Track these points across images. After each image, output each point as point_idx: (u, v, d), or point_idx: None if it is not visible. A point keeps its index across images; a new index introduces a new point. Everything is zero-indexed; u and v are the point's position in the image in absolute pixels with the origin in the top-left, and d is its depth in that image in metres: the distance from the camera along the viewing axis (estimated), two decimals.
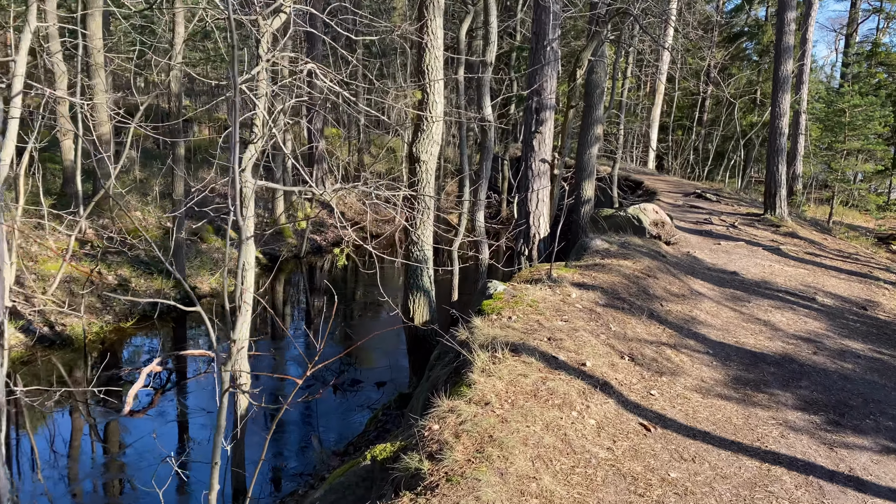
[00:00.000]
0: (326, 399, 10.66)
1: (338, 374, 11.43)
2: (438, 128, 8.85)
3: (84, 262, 14.49)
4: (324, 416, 10.13)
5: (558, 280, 8.40)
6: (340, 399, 10.67)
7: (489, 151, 11.06)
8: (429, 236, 9.10)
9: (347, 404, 10.51)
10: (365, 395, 10.77)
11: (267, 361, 11.95)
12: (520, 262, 15.24)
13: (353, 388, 10.96)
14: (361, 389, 10.93)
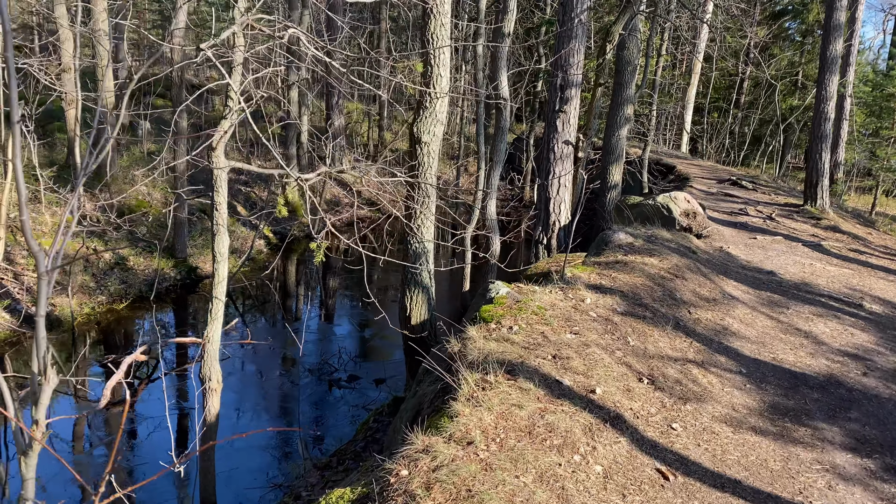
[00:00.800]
0: (320, 396, 9.88)
1: (334, 370, 10.64)
2: (443, 105, 7.89)
3: (80, 238, 13.82)
4: (316, 415, 9.36)
5: (572, 281, 7.45)
6: (335, 396, 9.88)
7: (504, 132, 10.08)
8: (430, 228, 8.18)
9: (342, 402, 9.72)
10: (362, 392, 9.97)
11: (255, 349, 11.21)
12: (537, 251, 14.29)
13: (349, 385, 10.16)
14: (358, 386, 10.14)
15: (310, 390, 10.00)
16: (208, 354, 6.67)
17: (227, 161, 6.50)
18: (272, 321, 13.37)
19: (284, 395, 9.75)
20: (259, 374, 10.41)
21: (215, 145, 6.33)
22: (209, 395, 6.74)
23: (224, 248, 6.67)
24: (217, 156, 6.32)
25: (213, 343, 6.68)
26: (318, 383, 10.20)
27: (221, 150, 6.38)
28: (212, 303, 6.68)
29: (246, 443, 8.50)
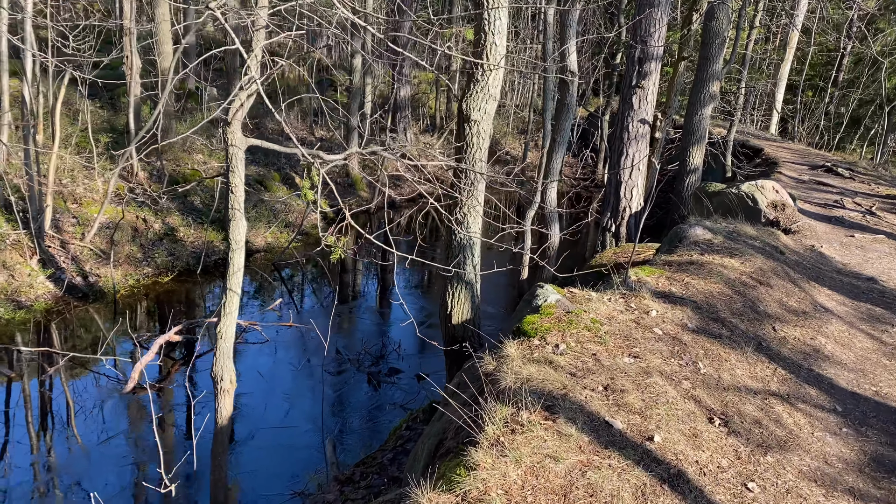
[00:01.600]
0: (357, 390, 9.22)
1: (375, 360, 9.95)
2: (497, 78, 6.92)
3: (130, 208, 13.55)
4: (349, 412, 8.70)
5: (635, 287, 6.44)
6: (373, 391, 9.20)
7: (569, 110, 9.03)
8: (476, 217, 7.29)
9: (379, 399, 9.03)
10: (402, 389, 9.26)
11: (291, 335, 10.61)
12: (604, 238, 13.21)
13: (389, 380, 9.46)
14: (399, 382, 9.42)
15: (346, 382, 9.35)
16: (220, 352, 6.03)
17: (245, 138, 5.76)
18: (320, 302, 12.79)
19: (318, 387, 9.12)
20: (295, 362, 9.82)
21: (230, 119, 5.59)
22: (221, 396, 6.11)
23: (240, 235, 5.97)
24: (232, 132, 5.59)
25: (226, 339, 6.02)
26: (355, 375, 9.54)
27: (238, 127, 5.65)
28: (225, 296, 6.01)
29: (269, 440, 7.91)
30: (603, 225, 13.26)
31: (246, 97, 5.65)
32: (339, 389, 9.17)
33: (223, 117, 5.60)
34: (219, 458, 6.22)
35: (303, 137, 21.24)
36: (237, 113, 5.58)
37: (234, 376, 6.18)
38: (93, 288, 11.61)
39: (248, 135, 6.13)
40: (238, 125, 5.63)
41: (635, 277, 6.80)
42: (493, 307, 12.22)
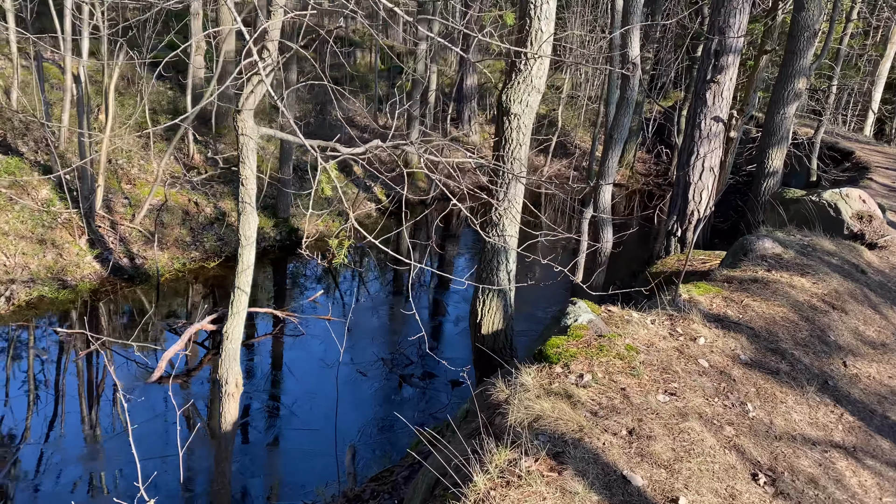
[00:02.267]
0: (387, 393, 8.78)
1: (410, 362, 9.49)
2: (541, 68, 6.28)
3: (183, 191, 13.50)
4: (376, 417, 8.27)
5: (685, 308, 5.72)
6: (403, 396, 8.74)
7: (629, 104, 8.27)
8: (513, 220, 6.68)
9: (408, 404, 8.57)
10: (434, 395, 8.77)
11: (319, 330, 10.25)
12: (668, 243, 12.34)
13: (422, 384, 8.98)
14: (431, 387, 8.93)
15: (376, 384, 8.92)
16: (226, 353, 5.67)
17: (257, 127, 5.34)
18: (368, 295, 12.42)
19: (346, 388, 8.73)
20: (325, 359, 9.46)
21: (240, 107, 5.18)
22: (225, 400, 5.76)
23: (250, 230, 5.57)
24: (243, 120, 5.17)
25: (232, 341, 5.65)
26: (387, 376, 9.10)
27: (250, 115, 5.23)
28: (233, 294, 5.64)
29: (288, 443, 7.56)
30: (668, 229, 12.38)
31: (258, 82, 5.22)
32: (368, 391, 8.75)
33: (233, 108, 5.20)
34: (222, 465, 5.89)
35: (366, 125, 20.95)
36: (247, 100, 5.16)
37: (241, 379, 5.81)
38: (139, 270, 11.58)
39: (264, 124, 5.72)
40: (249, 114, 5.21)
41: (686, 296, 6.07)
42: (543, 311, 11.58)
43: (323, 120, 20.12)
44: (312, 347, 9.80)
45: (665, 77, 24.99)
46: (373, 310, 11.38)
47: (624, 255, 15.40)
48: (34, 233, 10.98)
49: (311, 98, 20.74)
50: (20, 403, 7.94)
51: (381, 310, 11.41)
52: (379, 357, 9.54)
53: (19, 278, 10.22)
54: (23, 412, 7.78)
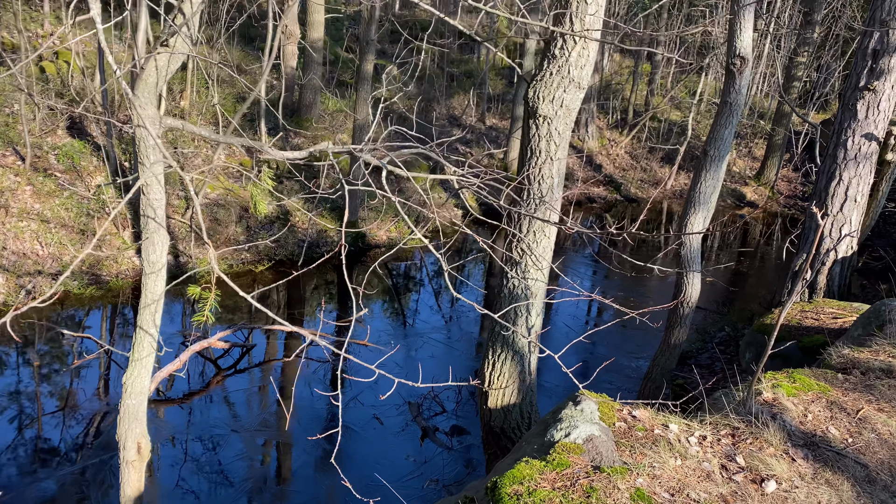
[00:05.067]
0: (403, 448, 7.24)
1: (440, 411, 7.90)
2: (583, 56, 4.50)
3: (248, 185, 12.62)
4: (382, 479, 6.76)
5: (760, 415, 3.76)
6: (422, 454, 7.16)
7: (733, 110, 6.21)
8: (542, 255, 4.92)
9: (427, 467, 6.97)
10: (457, 458, 7.12)
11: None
12: (792, 286, 9.96)
13: (447, 442, 7.36)
14: (458, 447, 7.29)
15: (393, 434, 7.41)
16: (125, 411, 4.36)
17: (161, 117, 3.97)
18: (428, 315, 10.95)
19: (352, 437, 7.29)
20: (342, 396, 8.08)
21: (134, 91, 3.83)
22: (125, 470, 4.45)
23: (156, 254, 4.22)
24: (140, 107, 3.81)
25: (132, 395, 4.33)
26: (409, 425, 7.57)
27: (148, 100, 3.85)
28: (136, 334, 4.32)
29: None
30: (794, 269, 9.97)
31: (167, 60, 3.84)
32: (380, 443, 7.26)
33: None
34: None
35: (472, 125, 19.49)
36: (146, 78, 3.80)
37: (147, 443, 4.49)
38: (182, 269, 10.75)
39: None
40: (151, 96, 3.85)
41: (770, 395, 4.08)
42: (628, 359, 9.61)
43: (426, 117, 18.87)
44: (331, 378, 8.45)
45: (826, 86, 21.67)
46: (424, 337, 9.87)
47: (743, 294, 12.96)
48: (76, 222, 10.39)
49: (418, 93, 19.53)
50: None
51: (433, 338, 9.87)
52: (406, 399, 8.02)
53: (47, 270, 9.61)
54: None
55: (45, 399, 7.49)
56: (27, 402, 7.37)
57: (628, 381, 8.92)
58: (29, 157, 10.71)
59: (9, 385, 7.61)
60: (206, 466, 6.68)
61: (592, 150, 20.16)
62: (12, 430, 6.89)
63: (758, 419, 3.78)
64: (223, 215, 11.74)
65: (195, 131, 4.07)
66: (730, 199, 19.42)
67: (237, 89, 15.34)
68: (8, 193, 10.19)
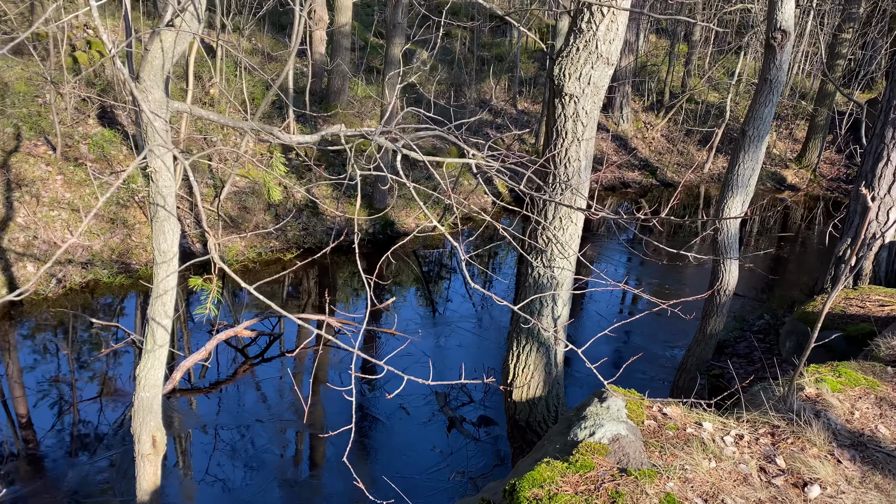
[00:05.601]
0: (429, 438, 7.10)
1: (468, 402, 7.73)
2: (613, 30, 4.23)
3: (277, 172, 12.54)
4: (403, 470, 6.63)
5: (803, 412, 3.51)
6: (448, 445, 7.00)
7: (772, 87, 5.86)
8: (567, 243, 4.69)
9: (452, 458, 6.81)
10: (483, 450, 6.95)
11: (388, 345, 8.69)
12: (836, 272, 9.57)
13: (474, 432, 7.19)
14: (485, 438, 7.12)
15: (419, 423, 7.27)
16: (139, 404, 4.27)
17: (169, 101, 3.83)
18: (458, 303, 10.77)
19: (376, 425, 7.16)
20: (367, 384, 7.95)
21: (139, 73, 3.69)
22: (140, 464, 4.37)
23: (168, 243, 4.09)
24: (145, 90, 3.67)
25: (146, 388, 4.24)
26: (434, 416, 7.41)
27: (155, 83, 3.71)
28: (147, 326, 4.21)
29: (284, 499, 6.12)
30: (838, 254, 9.55)
31: (173, 40, 3.69)
32: (404, 432, 7.13)
33: None
34: None
35: (501, 108, 19.17)
36: (152, 60, 3.66)
37: (162, 436, 4.40)
38: None
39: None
40: (157, 80, 3.71)
41: (813, 390, 3.81)
42: (662, 348, 9.34)
43: (457, 101, 18.60)
44: (355, 368, 8.34)
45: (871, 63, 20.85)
46: (452, 326, 9.69)
47: (783, 281, 12.53)
48: (106, 210, 10.43)
49: (448, 78, 19.27)
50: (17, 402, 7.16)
51: (462, 326, 9.68)
52: (433, 389, 7.87)
53: (77, 259, 9.65)
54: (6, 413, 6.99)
55: (71, 388, 7.51)
56: (55, 390, 7.39)
57: (663, 371, 8.65)
58: (60, 146, 10.75)
59: (39, 374, 7.65)
60: (234, 456, 6.62)
61: (627, 133, 19.70)
62: (42, 419, 6.91)
63: (800, 417, 3.53)
64: (252, 203, 11.68)
65: (203, 115, 3.92)
66: (770, 182, 18.82)
67: (267, 76, 15.25)
68: (39, 183, 10.25)
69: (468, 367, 8.33)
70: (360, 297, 10.73)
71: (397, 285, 11.15)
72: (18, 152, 10.54)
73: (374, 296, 10.76)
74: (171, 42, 3.67)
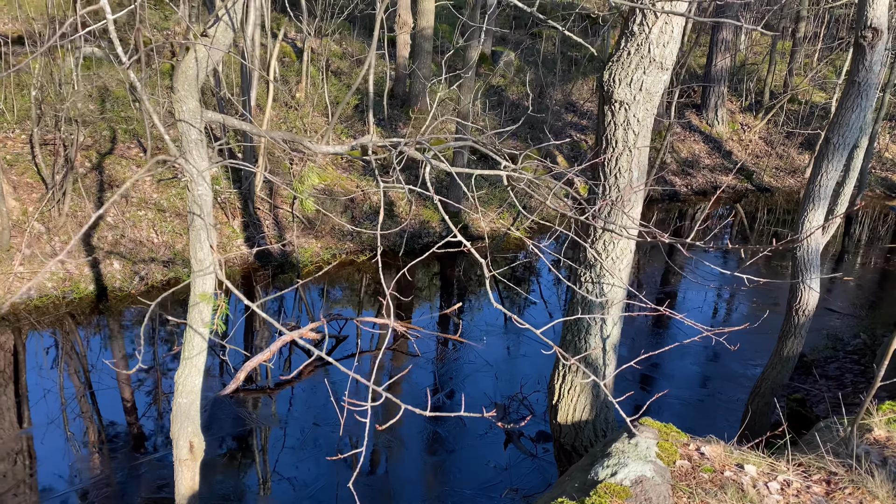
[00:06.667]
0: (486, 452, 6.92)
1: (529, 415, 7.49)
2: (668, 32, 3.93)
3: (353, 176, 12.69)
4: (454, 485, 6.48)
5: (867, 459, 3.12)
6: (503, 460, 6.81)
7: (862, 91, 5.33)
8: (621, 256, 4.41)
9: (506, 475, 6.62)
10: (543, 467, 6.71)
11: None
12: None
13: (531, 447, 6.96)
14: (543, 454, 6.87)
15: (475, 437, 7.10)
16: (178, 409, 4.32)
17: (203, 110, 3.83)
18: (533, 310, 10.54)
19: (427, 439, 7.05)
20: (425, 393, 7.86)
21: (174, 84, 3.71)
22: (178, 469, 4.43)
23: (204, 252, 4.11)
24: (180, 101, 3.69)
25: (184, 394, 4.29)
26: (492, 428, 7.23)
27: (192, 91, 3.72)
28: (185, 333, 4.25)
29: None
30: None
31: (207, 51, 3.70)
32: (460, 446, 6.98)
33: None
34: None
35: (587, 110, 18.67)
36: (187, 69, 3.67)
37: (200, 441, 4.44)
38: (288, 258, 10.94)
39: None
40: (192, 89, 3.73)
41: (882, 433, 3.41)
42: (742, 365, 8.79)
43: (541, 104, 18.26)
44: (421, 375, 8.26)
45: None
46: (521, 334, 9.47)
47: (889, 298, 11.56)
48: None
49: (535, 80, 18.98)
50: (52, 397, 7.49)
51: (528, 336, 9.44)
52: (493, 401, 7.69)
53: (160, 258, 10.04)
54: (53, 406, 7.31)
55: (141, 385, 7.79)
56: (124, 386, 7.70)
57: (741, 391, 8.12)
58: (150, 148, 11.24)
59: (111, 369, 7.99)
60: (296, 458, 6.68)
61: (722, 136, 18.79)
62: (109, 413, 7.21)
63: (861, 464, 3.14)
64: (330, 206, 11.84)
65: (236, 125, 3.92)
66: (879, 188, 17.48)
67: (353, 80, 15.47)
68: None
69: (532, 379, 8.10)
70: (427, 301, 10.66)
71: (466, 290, 11.02)
72: (112, 154, 11.09)
73: (443, 301, 10.67)
74: (204, 53, 3.68)
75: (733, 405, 7.80)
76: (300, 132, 13.12)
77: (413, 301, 10.64)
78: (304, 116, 13.40)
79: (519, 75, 19.19)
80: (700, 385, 8.49)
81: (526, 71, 19.28)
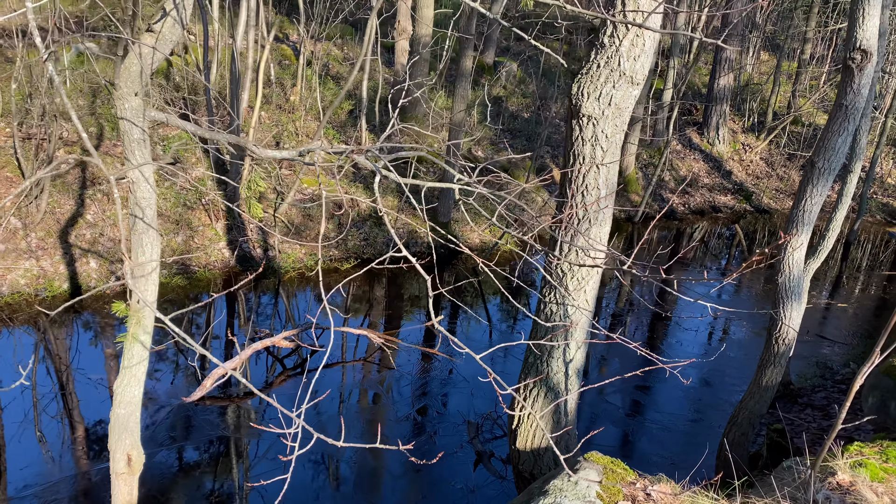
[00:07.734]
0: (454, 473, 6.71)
1: (500, 435, 7.27)
2: (639, 46, 3.75)
3: (343, 182, 12.52)
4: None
5: (826, 501, 2.91)
6: (471, 482, 6.59)
7: (849, 113, 5.14)
8: (586, 278, 4.21)
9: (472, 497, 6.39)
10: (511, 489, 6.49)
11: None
12: None
13: (504, 469, 6.74)
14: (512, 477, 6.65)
15: (447, 455, 6.88)
16: (115, 420, 4.12)
17: (147, 110, 3.65)
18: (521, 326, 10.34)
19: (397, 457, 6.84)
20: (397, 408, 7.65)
21: (117, 81, 3.54)
22: (115, 483, 4.23)
23: (147, 257, 3.93)
24: (122, 98, 3.52)
25: (122, 405, 4.09)
26: (464, 447, 7.01)
27: (130, 91, 3.54)
28: (126, 341, 4.06)
29: None
30: None
31: (152, 46, 3.52)
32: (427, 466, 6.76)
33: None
34: None
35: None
36: (129, 67, 3.50)
37: (139, 454, 4.24)
38: (270, 263, 10.76)
39: None
40: (132, 88, 3.55)
41: (846, 477, 3.19)
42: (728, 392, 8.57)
43: (539, 115, 18.12)
44: (396, 389, 8.05)
45: None
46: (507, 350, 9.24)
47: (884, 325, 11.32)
48: (173, 212, 10.64)
49: (536, 91, 18.83)
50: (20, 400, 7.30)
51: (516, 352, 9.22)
52: (465, 419, 7.48)
53: None
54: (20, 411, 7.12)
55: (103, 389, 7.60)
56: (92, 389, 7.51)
57: (722, 418, 7.89)
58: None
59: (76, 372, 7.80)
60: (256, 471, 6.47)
61: (722, 155, 18.59)
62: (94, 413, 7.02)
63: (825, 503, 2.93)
64: (317, 211, 11.66)
65: (178, 124, 3.74)
66: (879, 213, 17.26)
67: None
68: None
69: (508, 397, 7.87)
70: (411, 313, 10.46)
71: (453, 303, 10.82)
72: (97, 151, 10.93)
73: (427, 312, 10.47)
74: (147, 49, 3.50)
75: (715, 433, 7.57)
76: (291, 135, 12.97)
77: (403, 312, 10.45)
78: (296, 119, 13.24)
79: (520, 86, 19.05)
80: (685, 410, 8.27)
81: (528, 82, 19.14)
